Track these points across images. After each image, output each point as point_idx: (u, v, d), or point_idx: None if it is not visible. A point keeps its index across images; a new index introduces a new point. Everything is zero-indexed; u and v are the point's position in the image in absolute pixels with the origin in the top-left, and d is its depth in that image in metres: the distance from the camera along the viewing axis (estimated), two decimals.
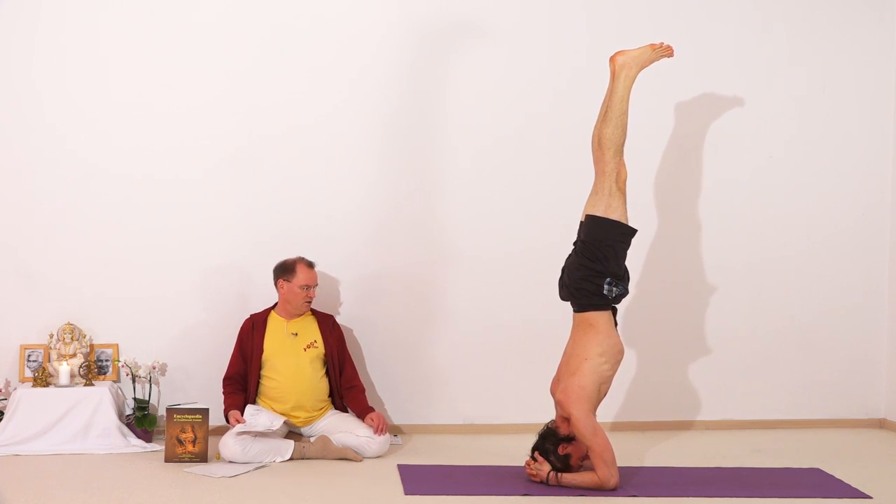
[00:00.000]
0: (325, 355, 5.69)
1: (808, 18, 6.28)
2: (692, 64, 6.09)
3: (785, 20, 6.26)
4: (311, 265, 5.67)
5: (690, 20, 6.17)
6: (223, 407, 5.54)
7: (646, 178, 6.11)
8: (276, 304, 5.75)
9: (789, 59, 6.27)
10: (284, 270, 5.65)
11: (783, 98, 6.28)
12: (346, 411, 5.74)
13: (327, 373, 5.71)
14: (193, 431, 5.30)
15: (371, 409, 5.60)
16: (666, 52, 5.09)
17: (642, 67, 5.03)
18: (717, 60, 6.19)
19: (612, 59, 5.01)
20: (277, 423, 5.37)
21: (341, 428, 5.50)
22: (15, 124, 5.86)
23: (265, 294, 5.81)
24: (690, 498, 4.74)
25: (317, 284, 5.68)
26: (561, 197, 6.05)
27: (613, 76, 4.98)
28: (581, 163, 5.89)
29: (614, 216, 4.89)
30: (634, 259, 5.20)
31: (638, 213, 5.26)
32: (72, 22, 5.86)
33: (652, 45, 5.07)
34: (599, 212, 4.90)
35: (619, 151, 4.94)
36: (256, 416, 5.34)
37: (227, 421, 5.44)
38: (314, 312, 5.77)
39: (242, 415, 5.37)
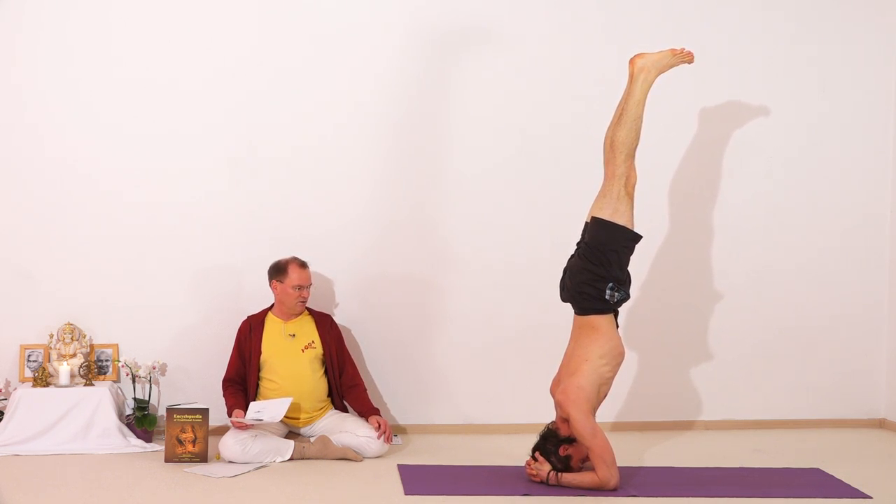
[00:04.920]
0: (324, 355, 5.69)
1: (808, 19, 6.28)
2: (690, 68, 6.08)
3: (785, 21, 6.27)
4: (303, 265, 5.66)
5: (688, 22, 6.17)
6: (226, 408, 5.53)
7: (649, 182, 6.09)
8: (272, 305, 5.75)
9: (789, 61, 6.27)
10: (277, 271, 5.65)
11: (782, 99, 6.27)
12: (346, 411, 5.74)
13: (326, 373, 5.71)
14: (193, 431, 5.30)
15: (375, 409, 5.60)
16: (686, 57, 5.06)
17: (661, 72, 4.99)
18: (715, 62, 6.17)
19: (631, 62, 4.97)
20: (284, 408, 5.34)
21: (341, 428, 5.49)
22: (16, 125, 5.86)
23: (266, 294, 5.80)
24: (690, 498, 4.74)
25: (310, 284, 5.67)
26: (563, 196, 6.06)
27: (631, 79, 4.94)
28: (582, 165, 5.95)
29: (621, 221, 4.86)
30: (637, 261, 5.20)
31: (643, 216, 5.25)
32: (76, 25, 5.85)
33: (672, 49, 5.03)
34: (606, 215, 4.87)
35: (631, 155, 4.91)
36: (261, 413, 5.33)
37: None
38: (311, 312, 5.77)
39: (245, 413, 5.36)
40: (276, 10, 5.98)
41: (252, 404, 5.40)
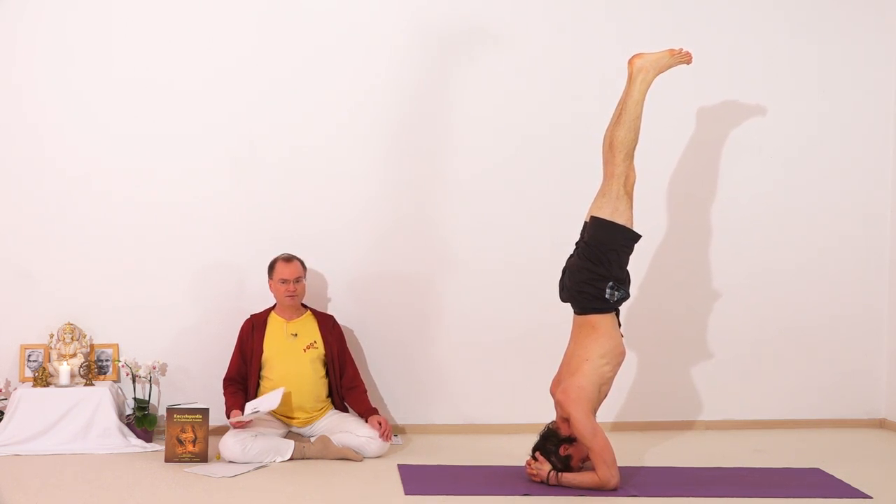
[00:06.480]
0: (325, 356, 5.69)
1: (808, 19, 6.28)
2: (690, 68, 6.07)
3: (785, 20, 6.27)
4: (288, 259, 5.65)
5: (689, 22, 6.17)
6: (225, 408, 5.54)
7: (649, 181, 6.09)
8: (275, 305, 5.76)
9: (789, 61, 6.27)
10: (269, 269, 5.70)
11: (782, 99, 6.27)
12: (347, 411, 5.75)
13: (327, 373, 5.72)
14: (193, 431, 5.30)
15: (374, 410, 5.60)
16: (684, 58, 5.07)
17: (659, 72, 5.01)
18: (715, 61, 6.17)
19: (630, 62, 4.99)
20: (278, 397, 5.36)
21: (341, 428, 5.50)
22: (15, 123, 5.87)
23: (265, 294, 5.80)
24: (690, 498, 4.74)
25: (298, 278, 5.65)
26: (562, 197, 6.06)
27: (630, 79, 4.95)
28: (582, 165, 5.95)
29: (620, 220, 4.86)
30: (637, 261, 5.20)
31: (643, 215, 5.26)
32: (72, 22, 5.85)
33: (671, 49, 5.05)
34: (605, 214, 4.87)
35: (630, 155, 4.91)
36: (258, 406, 5.34)
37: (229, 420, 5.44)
38: (314, 313, 5.78)
39: (242, 414, 5.37)
40: (276, 11, 5.98)
41: (248, 404, 5.41)
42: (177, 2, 5.92)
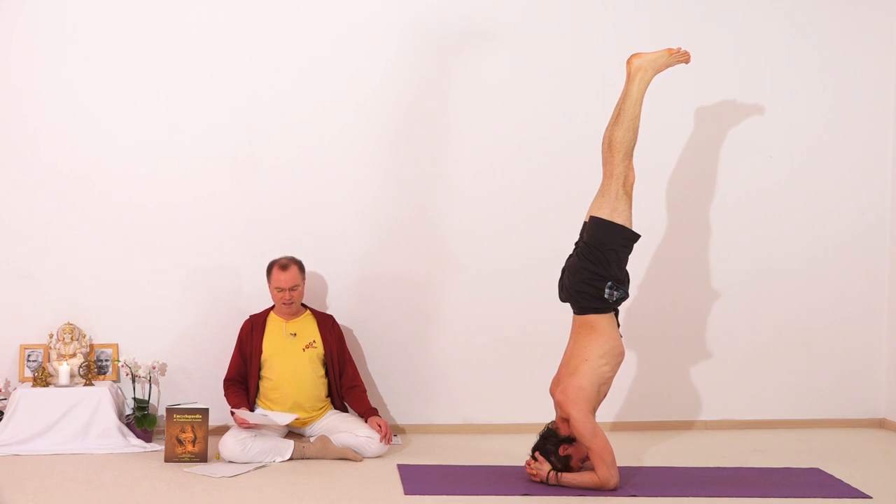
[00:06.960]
0: (325, 355, 5.69)
1: (808, 17, 6.28)
2: (690, 67, 6.08)
3: (785, 19, 6.27)
4: (284, 267, 5.61)
5: (689, 21, 6.17)
6: (229, 407, 5.53)
7: (648, 181, 6.10)
8: (274, 305, 5.76)
9: (789, 60, 6.27)
10: (267, 272, 5.69)
11: (782, 99, 6.27)
12: (346, 411, 5.75)
13: (327, 373, 5.72)
14: (193, 431, 5.30)
15: (374, 410, 5.60)
16: (682, 57, 5.08)
17: (658, 71, 5.02)
18: (715, 61, 6.18)
19: (628, 61, 5.00)
20: (287, 420, 5.41)
21: (341, 428, 5.50)
22: (14, 124, 5.87)
23: (265, 295, 5.80)
24: (690, 498, 4.74)
25: (294, 286, 5.61)
26: (562, 197, 6.06)
27: (629, 78, 4.96)
28: (582, 164, 5.95)
29: (619, 220, 4.86)
30: (636, 261, 5.20)
31: (642, 215, 5.25)
32: (72, 22, 5.86)
33: (669, 49, 5.06)
34: (604, 214, 4.88)
35: (629, 155, 4.92)
36: (266, 416, 5.36)
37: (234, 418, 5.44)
38: (313, 312, 5.78)
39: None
40: (277, 13, 5.97)
41: (258, 410, 5.42)
42: (176, 4, 5.92)
